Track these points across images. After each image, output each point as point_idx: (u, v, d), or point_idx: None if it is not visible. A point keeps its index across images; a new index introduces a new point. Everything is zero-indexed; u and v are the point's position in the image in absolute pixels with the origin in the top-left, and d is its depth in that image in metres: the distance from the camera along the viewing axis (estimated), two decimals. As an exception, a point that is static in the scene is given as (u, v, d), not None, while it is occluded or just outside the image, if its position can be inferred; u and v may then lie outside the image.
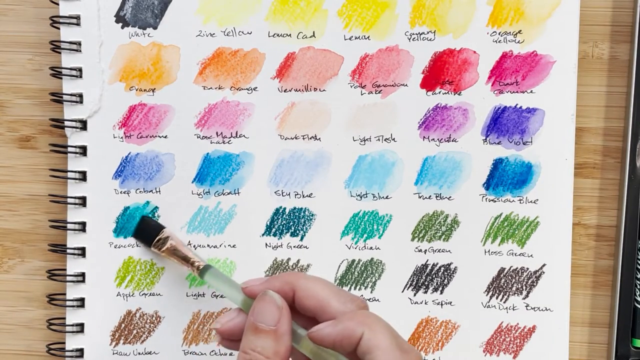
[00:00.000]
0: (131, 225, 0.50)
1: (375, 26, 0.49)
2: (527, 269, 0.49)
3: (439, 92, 0.49)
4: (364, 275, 0.50)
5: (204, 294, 0.50)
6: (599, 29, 0.49)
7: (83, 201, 0.50)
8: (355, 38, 0.49)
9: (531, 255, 0.49)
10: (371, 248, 0.50)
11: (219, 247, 0.50)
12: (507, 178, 0.49)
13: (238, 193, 0.50)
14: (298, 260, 0.50)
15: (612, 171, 0.50)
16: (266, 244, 0.50)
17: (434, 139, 0.49)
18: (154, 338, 0.50)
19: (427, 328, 0.50)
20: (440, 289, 0.50)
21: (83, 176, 0.50)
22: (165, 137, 0.50)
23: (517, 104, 0.49)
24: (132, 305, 0.50)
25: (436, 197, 0.49)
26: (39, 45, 0.51)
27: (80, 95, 0.50)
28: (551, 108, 0.49)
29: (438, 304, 0.50)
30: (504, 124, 0.49)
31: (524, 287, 0.49)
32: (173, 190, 0.50)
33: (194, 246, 0.50)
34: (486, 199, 0.49)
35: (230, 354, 0.50)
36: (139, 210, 0.50)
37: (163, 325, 0.50)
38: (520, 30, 0.48)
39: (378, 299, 0.50)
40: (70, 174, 0.50)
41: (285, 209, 0.50)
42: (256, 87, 0.50)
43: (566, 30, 0.48)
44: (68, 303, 0.50)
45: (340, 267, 0.50)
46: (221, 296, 0.50)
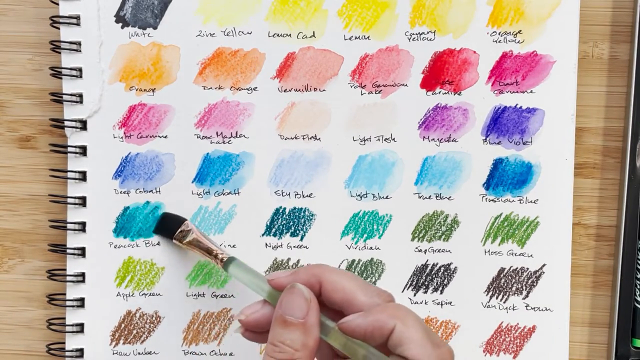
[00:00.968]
0: (132, 225, 0.50)
1: (375, 26, 0.49)
2: (527, 269, 0.49)
3: (439, 92, 0.49)
4: (364, 275, 0.50)
5: (204, 294, 0.50)
6: (599, 29, 0.49)
7: (83, 201, 0.50)
8: (355, 38, 0.49)
9: (531, 255, 0.49)
10: (371, 248, 0.50)
11: (219, 247, 0.50)
12: (507, 178, 0.49)
13: (238, 193, 0.50)
14: (298, 260, 0.50)
15: (612, 171, 0.50)
16: (266, 244, 0.50)
17: (434, 139, 0.49)
18: (154, 338, 0.50)
19: (427, 328, 0.50)
20: (440, 289, 0.50)
21: (83, 176, 0.50)
22: (165, 137, 0.50)
23: (517, 104, 0.49)
24: (132, 305, 0.50)
25: (436, 197, 0.49)
26: (39, 45, 0.51)
27: (80, 95, 0.50)
28: (551, 108, 0.49)
29: (438, 304, 0.50)
30: (504, 124, 0.49)
31: (524, 287, 0.49)
32: (173, 190, 0.50)
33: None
34: (486, 199, 0.49)
35: (231, 354, 0.50)
36: (139, 211, 0.50)
37: (163, 325, 0.50)
38: (520, 30, 0.48)
39: (378, 299, 0.50)
40: (70, 174, 0.50)
41: (285, 209, 0.50)
42: (256, 87, 0.50)
43: (566, 30, 0.48)
44: (68, 303, 0.50)
45: (340, 267, 0.50)
46: (222, 296, 0.50)
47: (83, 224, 0.50)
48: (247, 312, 0.39)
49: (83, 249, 0.50)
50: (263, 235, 0.50)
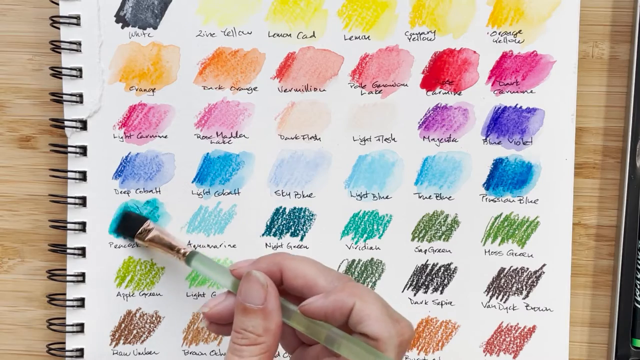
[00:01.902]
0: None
1: (375, 26, 0.49)
2: (527, 269, 0.49)
3: (439, 92, 0.49)
4: (364, 275, 0.50)
5: (203, 294, 0.50)
6: (599, 29, 0.49)
7: (83, 201, 0.50)
8: (355, 38, 0.49)
9: (531, 255, 0.49)
10: (371, 248, 0.50)
11: (219, 247, 0.50)
12: (507, 178, 0.49)
13: (238, 193, 0.50)
14: (298, 260, 0.50)
15: (612, 171, 0.50)
16: (266, 244, 0.50)
17: (434, 139, 0.49)
18: (154, 338, 0.50)
19: (427, 328, 0.50)
20: (440, 289, 0.50)
21: (83, 176, 0.50)
22: (165, 137, 0.50)
23: (517, 104, 0.49)
24: (132, 305, 0.50)
25: (436, 197, 0.49)
26: (39, 45, 0.51)
27: (80, 95, 0.50)
28: (551, 108, 0.49)
29: (438, 304, 0.50)
30: (504, 124, 0.49)
31: (524, 287, 0.49)
32: (173, 190, 0.50)
33: (194, 246, 0.50)
34: (486, 199, 0.49)
35: (230, 354, 0.50)
36: (139, 211, 0.50)
37: (163, 325, 0.50)
38: (520, 30, 0.48)
39: (378, 299, 0.50)
40: (70, 174, 0.50)
41: (285, 209, 0.50)
42: (256, 87, 0.50)
43: (566, 30, 0.48)
44: (68, 303, 0.50)
45: (340, 267, 0.50)
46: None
47: (83, 224, 0.50)
48: (211, 304, 0.40)
49: (83, 249, 0.50)
50: (263, 235, 0.50)
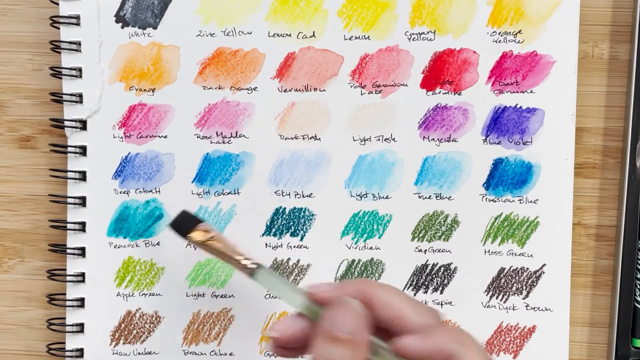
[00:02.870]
0: (132, 225, 0.50)
1: (375, 26, 0.49)
2: (527, 269, 0.49)
3: (439, 92, 0.49)
4: (364, 276, 0.50)
5: (204, 294, 0.50)
6: (599, 29, 0.49)
7: (83, 201, 0.50)
8: (355, 38, 0.49)
9: (531, 255, 0.49)
10: (371, 248, 0.50)
11: (219, 247, 0.50)
12: (507, 178, 0.49)
13: (238, 193, 0.50)
14: (298, 260, 0.50)
15: (612, 171, 0.50)
16: (266, 244, 0.50)
17: (434, 139, 0.49)
18: (154, 338, 0.50)
19: (427, 328, 0.50)
20: (440, 289, 0.50)
21: (83, 176, 0.50)
22: (165, 137, 0.50)
23: (517, 104, 0.49)
24: (132, 305, 0.50)
25: (436, 197, 0.49)
26: (39, 45, 0.51)
27: (80, 95, 0.50)
28: (551, 108, 0.49)
29: (438, 304, 0.50)
30: (504, 124, 0.49)
31: (524, 287, 0.49)
32: (173, 190, 0.50)
33: (194, 246, 0.50)
34: (486, 199, 0.49)
35: (231, 354, 0.50)
36: (139, 210, 0.50)
37: (163, 325, 0.50)
38: (520, 30, 0.48)
39: (378, 299, 0.50)
40: (70, 174, 0.50)
41: (285, 209, 0.50)
42: (256, 87, 0.50)
43: (566, 30, 0.48)
44: (68, 303, 0.50)
45: (340, 267, 0.50)
46: (221, 296, 0.50)
47: (83, 224, 0.50)
48: (280, 327, 0.36)
49: (83, 249, 0.50)
50: (263, 235, 0.50)
